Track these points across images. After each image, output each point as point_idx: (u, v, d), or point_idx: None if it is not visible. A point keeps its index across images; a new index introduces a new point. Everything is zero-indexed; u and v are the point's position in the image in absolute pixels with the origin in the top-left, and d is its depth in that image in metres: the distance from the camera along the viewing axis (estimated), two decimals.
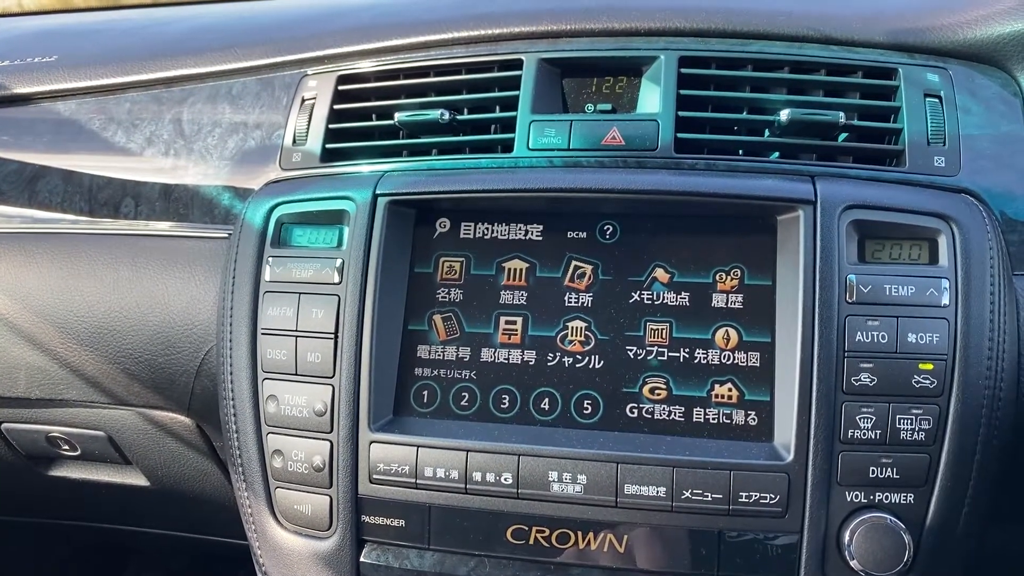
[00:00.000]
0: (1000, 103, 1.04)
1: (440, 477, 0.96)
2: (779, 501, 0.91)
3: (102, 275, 1.19)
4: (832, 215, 0.94)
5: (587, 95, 1.11)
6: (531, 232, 1.03)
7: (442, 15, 1.18)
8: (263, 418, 1.04)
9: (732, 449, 0.93)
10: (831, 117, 1.00)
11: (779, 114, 1.01)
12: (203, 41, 1.30)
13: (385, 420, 1.00)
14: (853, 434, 0.91)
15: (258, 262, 1.07)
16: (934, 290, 0.93)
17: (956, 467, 0.91)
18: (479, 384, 1.00)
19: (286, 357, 1.02)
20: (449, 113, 1.08)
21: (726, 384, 0.96)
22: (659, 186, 0.98)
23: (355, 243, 1.02)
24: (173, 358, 1.16)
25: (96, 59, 1.33)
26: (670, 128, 1.03)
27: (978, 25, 1.06)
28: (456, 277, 1.03)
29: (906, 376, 0.91)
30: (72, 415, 1.28)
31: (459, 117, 1.10)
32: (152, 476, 1.34)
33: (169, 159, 1.23)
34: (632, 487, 0.92)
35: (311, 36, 1.23)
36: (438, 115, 1.08)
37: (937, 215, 0.96)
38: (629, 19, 1.10)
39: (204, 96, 1.25)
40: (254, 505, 1.07)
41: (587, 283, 1.01)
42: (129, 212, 1.23)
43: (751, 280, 0.97)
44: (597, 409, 0.98)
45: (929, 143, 1.01)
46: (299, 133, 1.16)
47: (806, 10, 1.10)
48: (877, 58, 1.06)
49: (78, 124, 1.30)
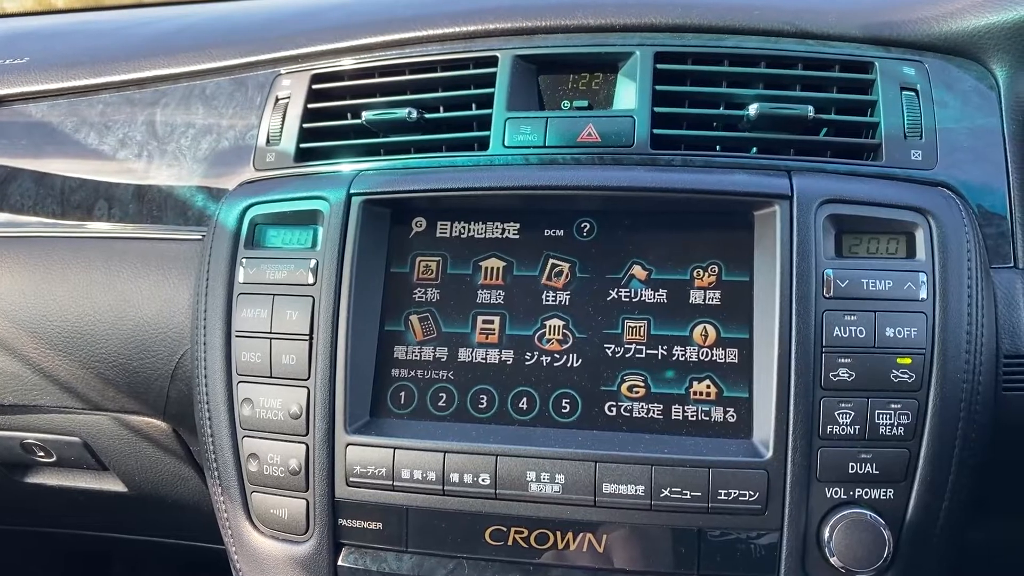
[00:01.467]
0: (976, 96, 1.04)
1: (417, 479, 0.95)
2: (758, 498, 0.90)
3: (75, 279, 1.17)
4: (808, 210, 0.94)
5: (563, 92, 1.10)
6: (508, 230, 1.02)
7: (416, 12, 1.17)
8: (238, 421, 1.03)
9: (711, 446, 0.92)
10: (799, 111, 1.00)
11: (748, 108, 1.00)
12: (176, 42, 1.29)
13: (361, 422, 0.99)
14: (832, 430, 0.90)
15: (231, 264, 1.05)
16: (911, 284, 0.92)
17: (935, 461, 0.90)
18: (457, 384, 0.99)
19: (261, 359, 1.01)
20: (417, 111, 1.07)
21: (704, 381, 0.95)
22: (635, 183, 0.98)
23: (329, 243, 1.01)
24: (148, 362, 1.14)
25: (68, 61, 1.31)
26: (646, 124, 1.02)
27: (953, 18, 1.05)
28: (433, 277, 1.02)
29: (884, 371, 0.90)
30: (47, 421, 1.26)
31: (435, 115, 1.09)
32: (129, 482, 1.32)
33: (142, 161, 1.21)
34: (611, 486, 0.92)
35: (285, 35, 1.21)
36: (405, 113, 1.07)
37: (914, 208, 0.95)
38: (604, 15, 1.10)
39: (177, 97, 1.23)
40: (230, 509, 1.06)
41: (564, 281, 1.00)
42: (102, 214, 1.22)
43: (728, 276, 0.97)
44: (575, 408, 0.97)
45: (906, 137, 1.01)
46: (273, 133, 1.14)
47: (782, 4, 1.10)
48: (853, 52, 1.06)
49: (50, 126, 1.28)
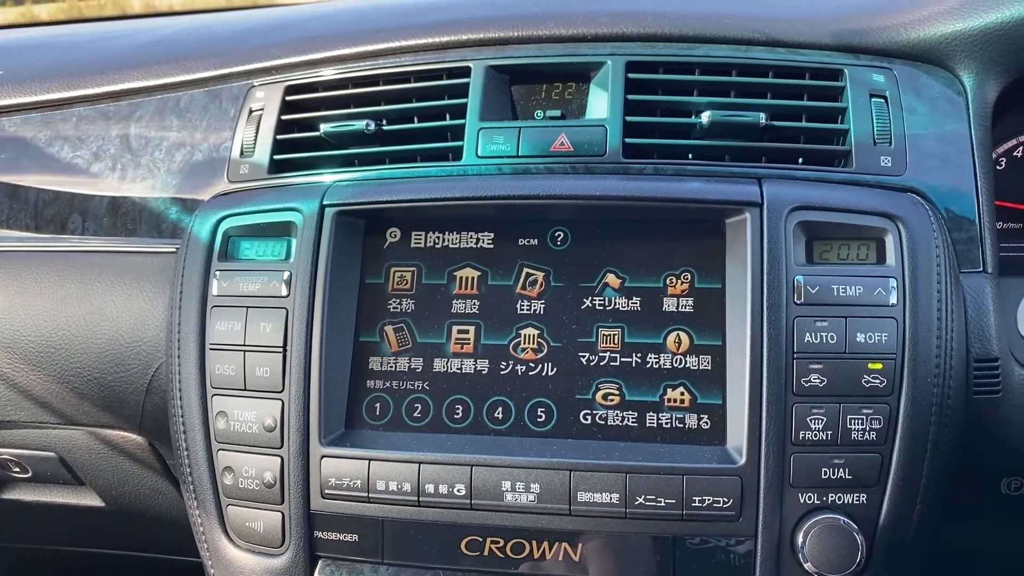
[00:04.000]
0: (944, 102, 1.05)
1: (393, 490, 0.95)
2: (732, 504, 0.90)
3: (49, 293, 1.17)
4: (779, 216, 0.95)
5: (536, 101, 1.11)
6: (482, 240, 1.02)
7: (389, 24, 1.17)
8: (213, 435, 1.02)
9: (685, 453, 0.92)
10: (751, 118, 1.01)
11: (700, 117, 1.01)
12: (150, 54, 1.29)
13: (336, 434, 0.99)
14: (804, 435, 0.90)
15: (205, 276, 1.05)
16: (882, 289, 0.93)
17: (907, 466, 0.91)
18: (432, 395, 0.99)
19: (235, 372, 1.01)
20: (375, 123, 1.08)
21: (678, 388, 0.95)
22: (607, 192, 0.98)
23: (302, 255, 1.01)
24: (123, 376, 1.14)
25: (41, 74, 1.31)
26: (618, 133, 1.02)
27: (921, 25, 1.06)
28: (407, 287, 1.02)
29: (856, 376, 0.91)
30: (21, 436, 1.25)
31: (400, 126, 1.09)
32: (106, 496, 1.31)
33: (116, 174, 1.21)
34: (585, 494, 0.92)
35: (258, 47, 1.21)
36: (363, 125, 1.07)
37: (883, 215, 0.96)
38: (576, 25, 1.10)
39: (151, 110, 1.23)
40: (206, 523, 1.05)
41: (539, 290, 1.00)
42: (76, 228, 1.22)
43: (701, 283, 0.97)
44: (551, 417, 0.97)
45: (875, 143, 1.02)
46: (247, 145, 1.14)
47: (752, 13, 1.10)
48: (823, 60, 1.07)
49: (23, 140, 1.27)
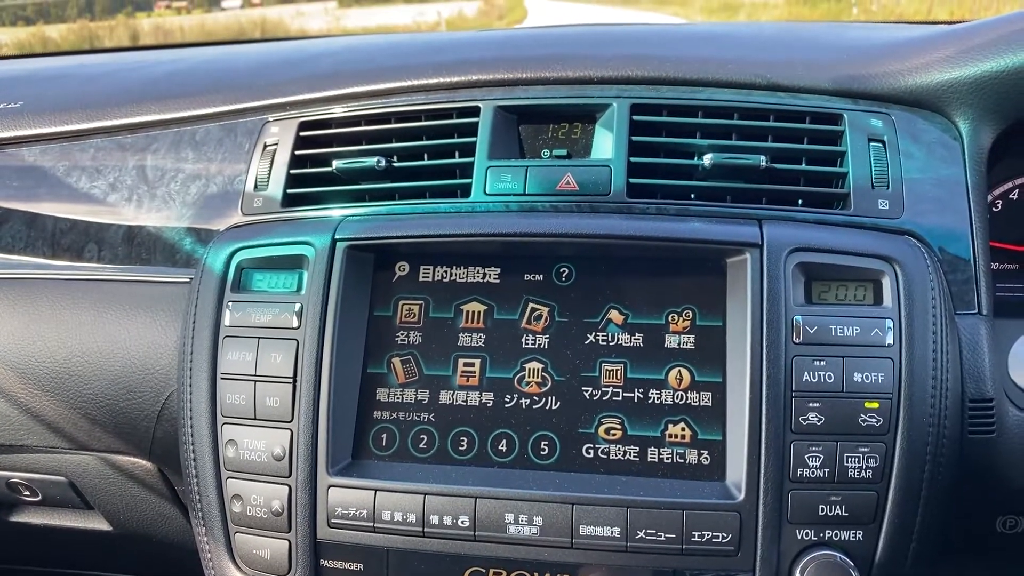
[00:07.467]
0: (941, 147, 1.08)
1: (398, 520, 0.97)
2: (731, 540, 0.92)
3: (64, 320, 1.19)
4: (778, 257, 0.97)
5: (543, 141, 1.14)
6: (489, 275, 1.05)
7: (402, 63, 1.20)
8: (222, 463, 1.04)
9: (685, 488, 0.94)
10: (752, 160, 1.03)
11: (703, 158, 1.04)
12: (167, 87, 1.32)
13: (344, 464, 1.01)
14: (802, 473, 0.92)
15: (218, 307, 1.07)
16: (878, 330, 0.95)
17: (903, 504, 0.92)
18: (437, 426, 1.01)
19: (245, 401, 1.03)
20: (386, 160, 1.11)
21: (679, 424, 0.97)
22: (611, 231, 1.01)
23: (313, 288, 1.03)
24: (134, 403, 1.16)
25: (61, 105, 1.34)
26: (622, 174, 1.05)
27: (919, 72, 1.09)
28: (415, 320, 1.05)
29: (853, 415, 0.93)
30: (33, 461, 1.27)
31: (409, 163, 1.12)
32: (114, 521, 1.33)
33: (132, 205, 1.24)
34: (587, 528, 0.93)
35: (274, 83, 1.25)
36: (374, 162, 1.11)
37: (880, 257, 0.98)
38: (583, 68, 1.13)
39: (168, 142, 1.26)
40: (214, 550, 1.07)
41: (544, 325, 1.02)
42: (92, 257, 1.24)
43: (702, 321, 0.99)
44: (554, 450, 0.99)
45: (873, 186, 1.04)
46: (260, 178, 1.17)
47: (753, 58, 1.14)
48: (823, 104, 1.09)
49: (42, 170, 1.30)
